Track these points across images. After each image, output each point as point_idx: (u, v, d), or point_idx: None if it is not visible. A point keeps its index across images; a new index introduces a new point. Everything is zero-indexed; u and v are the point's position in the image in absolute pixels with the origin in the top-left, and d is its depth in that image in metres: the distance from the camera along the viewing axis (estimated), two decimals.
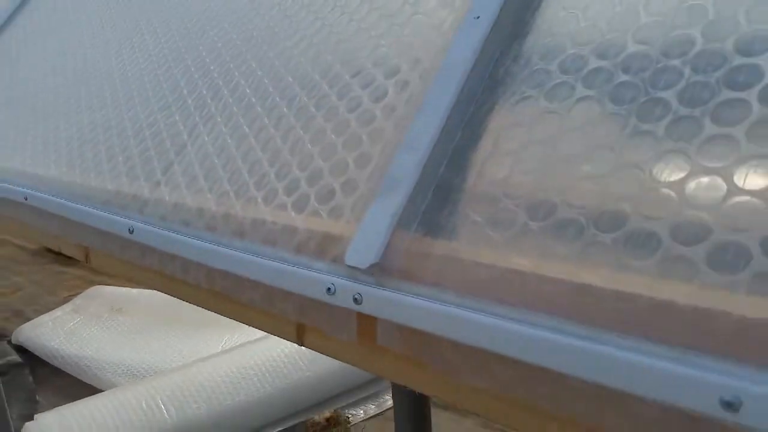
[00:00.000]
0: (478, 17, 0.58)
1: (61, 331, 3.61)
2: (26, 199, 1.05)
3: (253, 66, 0.82)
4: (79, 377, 3.18)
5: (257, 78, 0.79)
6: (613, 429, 0.37)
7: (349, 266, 0.51)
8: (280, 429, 2.49)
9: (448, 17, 0.63)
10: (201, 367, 2.55)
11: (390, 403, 2.75)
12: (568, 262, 0.41)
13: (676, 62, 0.44)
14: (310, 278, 0.54)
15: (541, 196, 0.45)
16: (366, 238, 0.51)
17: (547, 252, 0.42)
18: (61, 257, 5.60)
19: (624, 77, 0.46)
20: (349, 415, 2.60)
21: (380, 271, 0.49)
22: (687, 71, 0.44)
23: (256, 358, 2.58)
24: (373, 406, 2.70)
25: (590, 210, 0.42)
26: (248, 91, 0.78)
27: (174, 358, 3.08)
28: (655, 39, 0.47)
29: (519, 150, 0.49)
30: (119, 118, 1.00)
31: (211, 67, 0.90)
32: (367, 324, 0.52)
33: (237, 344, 2.94)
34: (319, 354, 2.22)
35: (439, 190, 0.51)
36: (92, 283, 4.59)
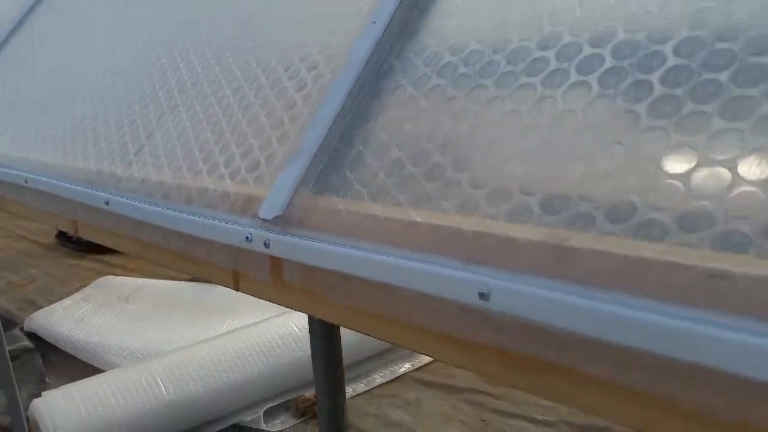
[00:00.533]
0: (375, 22, 0.72)
1: (70, 319, 3.79)
2: (26, 182, 1.20)
3: (211, 63, 0.97)
4: (86, 361, 3.35)
5: (214, 73, 0.94)
6: (424, 324, 0.51)
7: (261, 219, 0.65)
8: (272, 405, 2.65)
9: (358, 22, 0.77)
10: (199, 348, 2.71)
11: (378, 380, 2.90)
12: (405, 207, 0.55)
13: (497, 57, 0.58)
14: (236, 231, 0.69)
15: (395, 159, 0.59)
16: (275, 197, 0.65)
17: (392, 201, 0.56)
18: (73, 251, 5.81)
19: (463, 69, 0.60)
20: None
21: (283, 221, 0.64)
22: (503, 63, 0.57)
23: (251, 339, 2.74)
24: (363, 384, 2.84)
25: (424, 167, 0.56)
26: (206, 84, 0.93)
27: (177, 343, 3.24)
28: (489, 39, 0.60)
29: (389, 127, 0.63)
30: (105, 110, 1.15)
31: (180, 65, 1.04)
32: (276, 265, 0.66)
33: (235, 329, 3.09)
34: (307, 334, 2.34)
35: (330, 159, 0.65)
36: (102, 275, 4.77)
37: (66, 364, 3.52)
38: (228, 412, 2.59)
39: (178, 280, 4.10)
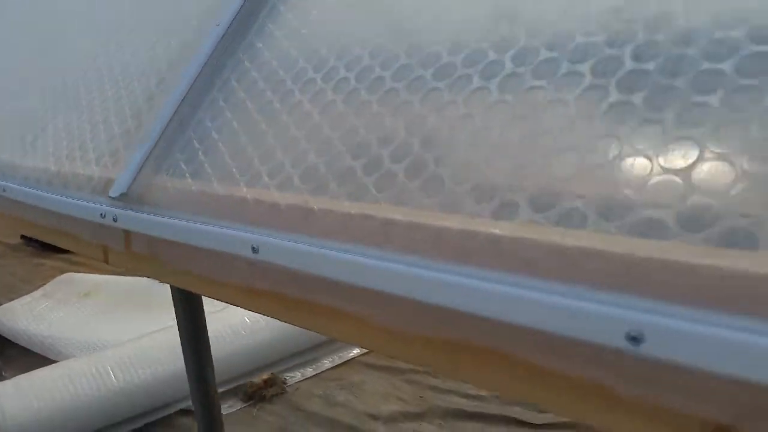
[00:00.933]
0: (218, 25, 0.82)
1: (29, 315, 3.84)
2: None
3: (101, 67, 1.06)
4: (44, 355, 3.40)
5: (100, 74, 1.03)
6: (225, 278, 0.62)
7: (111, 197, 0.75)
8: (223, 390, 2.74)
9: (209, 23, 0.87)
10: (150, 338, 2.79)
11: (327, 365, 3.01)
12: (212, 183, 0.65)
13: (299, 56, 0.69)
14: (95, 209, 0.78)
15: (212, 142, 0.69)
16: (123, 178, 0.75)
17: (204, 178, 0.66)
18: (38, 251, 5.82)
19: (275, 65, 0.71)
20: (287, 378, 2.85)
21: (127, 198, 0.74)
22: (300, 61, 0.68)
23: None
24: (311, 369, 2.95)
25: (231, 148, 0.66)
26: (92, 80, 1.02)
27: (133, 335, 3.31)
28: (298, 44, 0.71)
29: (213, 115, 0.73)
30: (15, 106, 1.23)
31: (83, 67, 1.13)
32: (128, 237, 0.76)
33: None
34: (258, 325, 2.50)
35: (167, 145, 0.75)
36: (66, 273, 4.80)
37: (25, 359, 3.57)
38: (176, 398, 2.68)
39: (138, 276, 4.16)
